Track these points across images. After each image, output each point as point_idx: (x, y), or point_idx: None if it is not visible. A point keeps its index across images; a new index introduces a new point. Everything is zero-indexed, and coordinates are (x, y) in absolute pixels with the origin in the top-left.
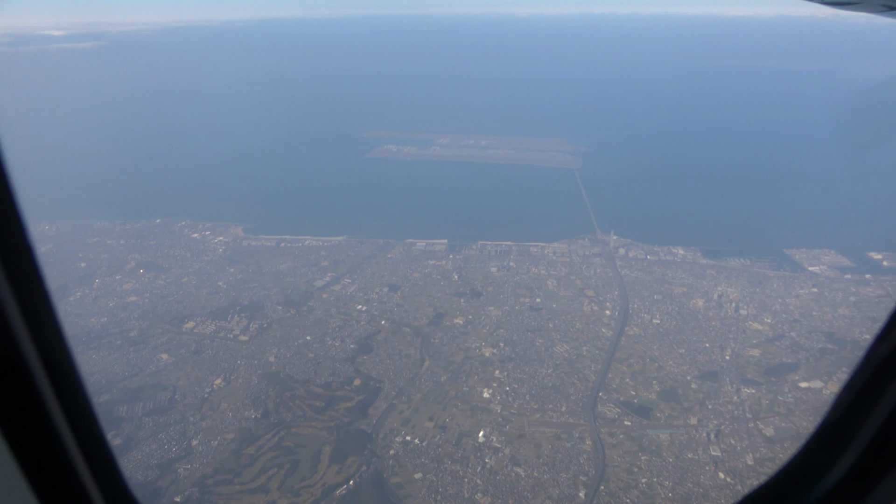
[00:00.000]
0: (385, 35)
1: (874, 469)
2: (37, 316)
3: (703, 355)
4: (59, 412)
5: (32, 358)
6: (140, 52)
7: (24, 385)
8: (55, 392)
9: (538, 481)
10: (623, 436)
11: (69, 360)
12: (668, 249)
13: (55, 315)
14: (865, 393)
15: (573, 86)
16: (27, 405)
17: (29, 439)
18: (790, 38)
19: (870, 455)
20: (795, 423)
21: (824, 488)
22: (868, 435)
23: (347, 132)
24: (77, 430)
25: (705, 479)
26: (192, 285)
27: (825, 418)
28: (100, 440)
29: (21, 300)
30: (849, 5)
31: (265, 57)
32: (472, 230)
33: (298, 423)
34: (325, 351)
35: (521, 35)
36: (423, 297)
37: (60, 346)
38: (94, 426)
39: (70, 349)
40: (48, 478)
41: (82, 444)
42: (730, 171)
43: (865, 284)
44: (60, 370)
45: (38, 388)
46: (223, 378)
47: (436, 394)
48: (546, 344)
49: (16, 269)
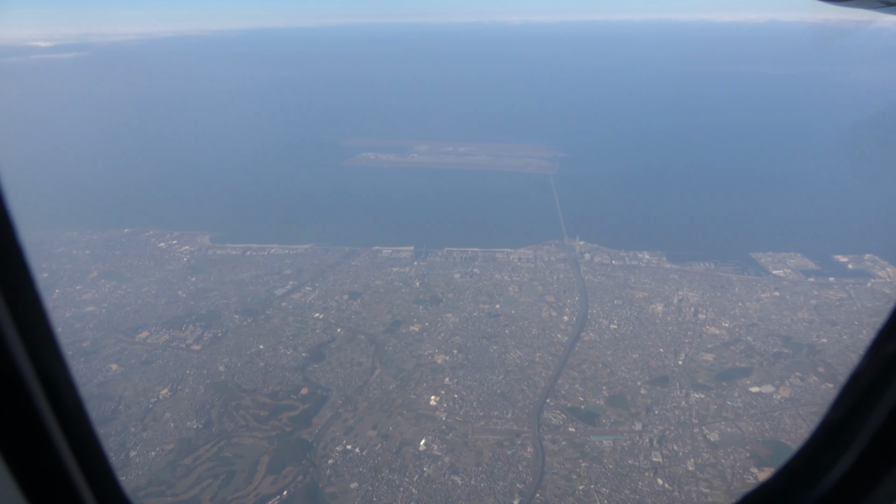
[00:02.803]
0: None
1: (875, 468)
2: (27, 318)
3: (657, 360)
4: (49, 413)
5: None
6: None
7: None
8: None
9: (474, 490)
10: (566, 442)
11: (60, 362)
12: (634, 254)
13: (46, 317)
14: (866, 392)
15: (560, 92)
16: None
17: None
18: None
19: (870, 454)
20: (742, 429)
21: (825, 487)
22: (869, 434)
23: (328, 140)
24: (68, 430)
25: (643, 485)
26: (152, 294)
27: (826, 417)
28: (91, 440)
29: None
30: (846, 1)
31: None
32: (440, 237)
33: (240, 432)
34: (276, 360)
35: (511, 42)
36: (383, 305)
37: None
38: (86, 426)
39: (62, 351)
40: (38, 479)
41: (73, 444)
42: (708, 175)
43: (828, 288)
44: (51, 372)
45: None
46: (170, 388)
47: (382, 402)
48: (500, 350)
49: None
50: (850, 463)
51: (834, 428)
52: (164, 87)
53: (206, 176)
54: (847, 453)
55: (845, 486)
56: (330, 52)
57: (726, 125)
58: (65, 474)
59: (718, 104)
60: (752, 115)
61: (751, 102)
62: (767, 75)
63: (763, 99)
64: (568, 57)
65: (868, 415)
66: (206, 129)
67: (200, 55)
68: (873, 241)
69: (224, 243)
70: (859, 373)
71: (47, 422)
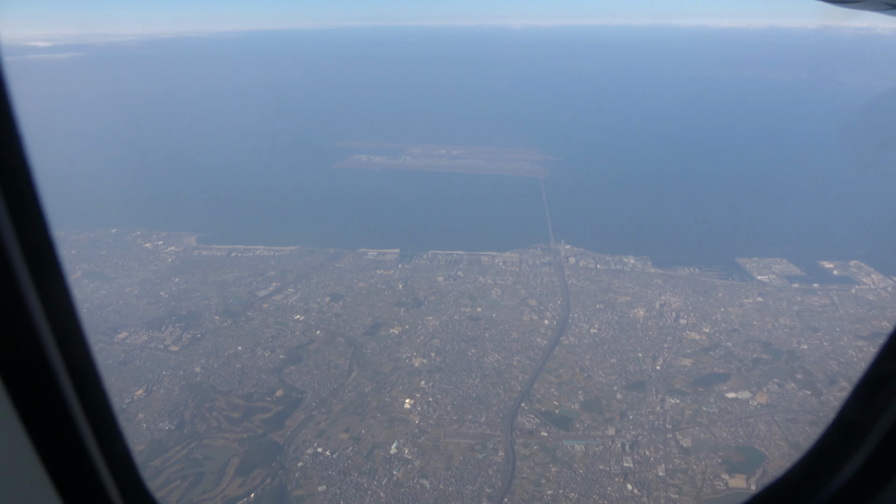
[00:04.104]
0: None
1: (886, 467)
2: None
3: (635, 365)
4: (80, 412)
5: (54, 354)
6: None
7: (45, 382)
8: (76, 391)
9: (442, 493)
10: (538, 447)
11: (90, 360)
12: (620, 258)
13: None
14: (875, 394)
15: (556, 96)
16: (50, 405)
17: (52, 438)
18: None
19: (880, 455)
20: (715, 434)
21: (832, 489)
22: (877, 436)
23: (321, 142)
24: (96, 429)
25: (612, 490)
26: (134, 295)
27: (835, 420)
28: (118, 440)
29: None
30: (852, 4)
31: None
32: (426, 239)
33: (211, 434)
34: (253, 361)
35: (511, 46)
36: (364, 307)
37: (81, 346)
38: (113, 426)
39: (90, 346)
40: (70, 476)
41: (101, 443)
42: (700, 179)
43: (812, 293)
44: (81, 369)
45: (60, 389)
46: (145, 389)
47: (357, 405)
48: (478, 354)
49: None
50: (860, 464)
51: (843, 429)
52: (160, 88)
53: (196, 177)
54: (857, 454)
55: (854, 486)
56: (329, 54)
57: (722, 131)
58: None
59: (715, 110)
60: (748, 120)
61: (747, 108)
62: (765, 81)
63: (759, 105)
64: (567, 61)
65: (878, 416)
66: (200, 131)
67: (198, 56)
68: (860, 248)
69: (210, 244)
70: (870, 374)
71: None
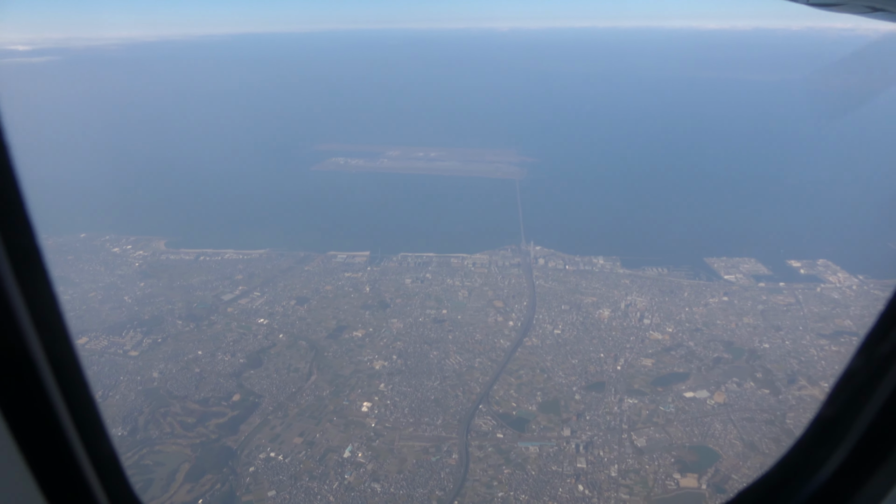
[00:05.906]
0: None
1: (867, 463)
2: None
3: (595, 366)
4: (65, 413)
5: (39, 356)
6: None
7: (31, 383)
8: (61, 391)
9: (393, 497)
10: (492, 449)
11: (74, 359)
12: (589, 259)
13: (62, 314)
14: (858, 388)
15: (538, 98)
16: (35, 406)
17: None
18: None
19: (862, 449)
20: (670, 434)
21: (818, 482)
22: (861, 429)
23: (300, 145)
24: (82, 430)
25: (563, 491)
26: (97, 300)
27: (819, 413)
28: (104, 441)
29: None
30: (833, 6)
31: (233, 71)
32: (396, 242)
33: (164, 440)
34: (213, 366)
35: (497, 48)
36: (329, 310)
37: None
38: (99, 427)
39: (75, 348)
40: (56, 478)
41: (87, 444)
42: (675, 180)
43: (777, 293)
44: (67, 371)
45: (44, 387)
46: (101, 395)
47: (314, 408)
48: (440, 356)
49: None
50: (843, 458)
51: (827, 423)
52: (139, 92)
53: (171, 181)
54: (840, 448)
55: (839, 480)
56: (313, 57)
57: (701, 132)
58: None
59: (696, 111)
60: (727, 122)
61: (727, 109)
62: (749, 82)
63: (740, 106)
64: (552, 63)
65: (860, 410)
66: (179, 134)
67: (180, 60)
68: (829, 246)
69: (179, 248)
70: (852, 369)
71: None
